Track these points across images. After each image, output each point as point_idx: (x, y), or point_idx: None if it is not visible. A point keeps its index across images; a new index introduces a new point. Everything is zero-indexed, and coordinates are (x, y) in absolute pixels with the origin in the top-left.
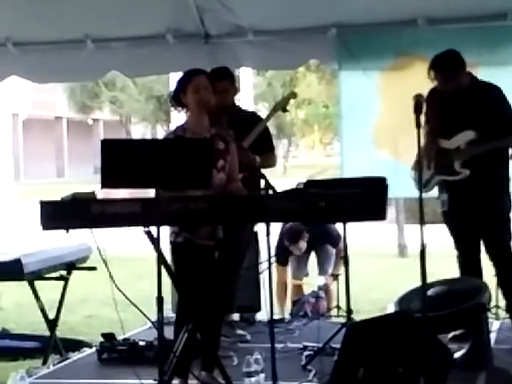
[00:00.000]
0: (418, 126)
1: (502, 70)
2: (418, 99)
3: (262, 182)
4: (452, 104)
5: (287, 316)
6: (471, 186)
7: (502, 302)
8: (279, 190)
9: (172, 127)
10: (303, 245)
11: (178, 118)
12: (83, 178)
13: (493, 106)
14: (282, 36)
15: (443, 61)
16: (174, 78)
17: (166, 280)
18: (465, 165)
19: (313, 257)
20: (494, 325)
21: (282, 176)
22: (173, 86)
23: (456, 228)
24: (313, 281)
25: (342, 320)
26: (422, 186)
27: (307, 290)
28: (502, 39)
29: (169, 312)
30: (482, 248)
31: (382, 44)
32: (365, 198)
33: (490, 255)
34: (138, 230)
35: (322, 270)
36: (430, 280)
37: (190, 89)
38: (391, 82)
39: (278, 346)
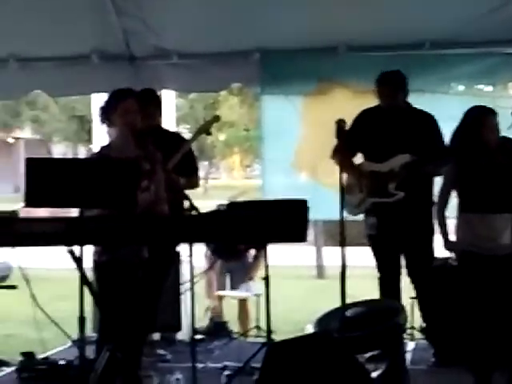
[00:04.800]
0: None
1: (418, 97)
2: (340, 124)
3: (186, 203)
4: (386, 127)
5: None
6: (402, 208)
7: (417, 323)
8: (201, 210)
9: (93, 147)
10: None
11: (100, 138)
12: (2, 196)
13: (427, 133)
14: (205, 59)
15: (390, 77)
16: (97, 98)
17: (88, 299)
18: (398, 187)
19: None
20: (410, 345)
21: (203, 197)
22: (95, 107)
23: (382, 250)
24: None
25: (262, 340)
26: (354, 207)
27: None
28: (419, 67)
29: (90, 331)
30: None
31: (304, 69)
32: (286, 220)
33: (412, 277)
34: (61, 249)
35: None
36: (347, 301)
37: (118, 110)
38: (312, 106)
39: (199, 365)
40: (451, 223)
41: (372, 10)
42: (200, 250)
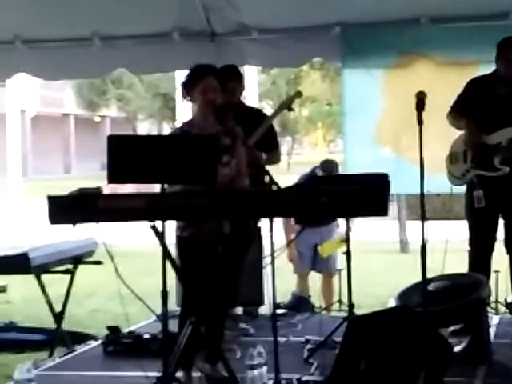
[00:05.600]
0: (420, 122)
1: None
2: (420, 96)
3: (267, 179)
4: (498, 98)
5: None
6: (507, 183)
7: (502, 297)
8: (283, 186)
9: (177, 124)
10: None
11: (183, 115)
12: (90, 173)
13: None
14: (286, 34)
15: None
16: (180, 75)
17: (171, 274)
18: (504, 162)
19: None
20: (494, 319)
21: (286, 172)
22: (179, 84)
23: (483, 224)
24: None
25: (344, 314)
26: (457, 178)
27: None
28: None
29: (173, 306)
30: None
31: (385, 42)
32: (367, 193)
33: (510, 251)
34: (144, 225)
35: None
36: (430, 275)
37: (198, 87)
38: (394, 79)
39: (281, 339)
40: None
41: None
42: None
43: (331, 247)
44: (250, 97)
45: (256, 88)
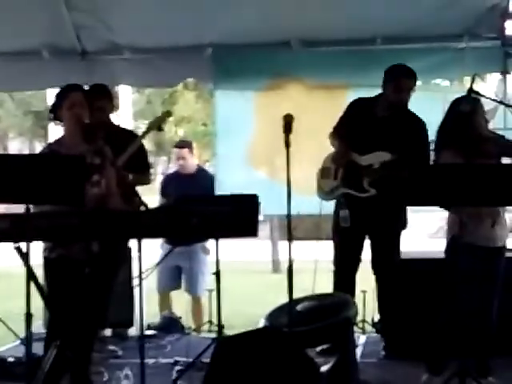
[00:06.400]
0: (288, 145)
1: (370, 92)
2: (287, 120)
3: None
4: (376, 121)
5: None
6: (374, 204)
7: (369, 317)
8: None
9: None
10: (188, 156)
11: (55, 133)
12: None
13: (415, 139)
14: (159, 54)
15: (411, 70)
16: (51, 93)
17: (38, 296)
18: (373, 184)
19: None
20: (361, 339)
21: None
22: (50, 102)
23: (348, 243)
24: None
25: (214, 335)
26: (325, 193)
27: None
28: (370, 62)
29: (40, 328)
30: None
31: (257, 65)
32: (236, 214)
33: (377, 271)
34: (9, 246)
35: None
36: (301, 295)
37: (65, 104)
38: (266, 102)
39: (150, 361)
40: None
41: (323, 4)
42: (150, 245)
43: None
44: (125, 116)
45: (130, 107)
